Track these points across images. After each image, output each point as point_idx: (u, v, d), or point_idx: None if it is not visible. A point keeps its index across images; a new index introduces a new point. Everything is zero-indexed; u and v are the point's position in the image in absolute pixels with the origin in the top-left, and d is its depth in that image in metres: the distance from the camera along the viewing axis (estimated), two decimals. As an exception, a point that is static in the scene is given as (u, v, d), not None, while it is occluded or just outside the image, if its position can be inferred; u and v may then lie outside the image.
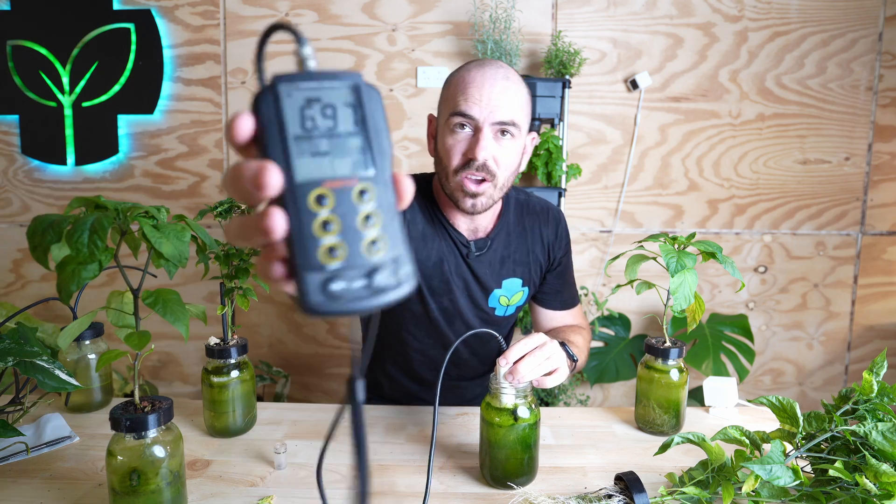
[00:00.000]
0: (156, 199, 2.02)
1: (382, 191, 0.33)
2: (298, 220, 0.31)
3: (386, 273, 0.32)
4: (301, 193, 0.32)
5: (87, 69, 1.95)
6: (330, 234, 0.32)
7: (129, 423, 0.64)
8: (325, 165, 0.32)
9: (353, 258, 0.32)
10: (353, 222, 0.32)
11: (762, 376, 2.15)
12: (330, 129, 0.33)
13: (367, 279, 0.32)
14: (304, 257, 0.31)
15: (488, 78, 0.92)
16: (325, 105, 0.33)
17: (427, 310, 1.08)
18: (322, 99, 0.33)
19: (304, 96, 0.32)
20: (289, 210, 0.31)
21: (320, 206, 0.32)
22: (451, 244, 1.06)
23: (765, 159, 2.03)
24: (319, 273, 0.31)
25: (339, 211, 0.32)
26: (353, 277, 0.32)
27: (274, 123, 0.32)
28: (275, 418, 0.98)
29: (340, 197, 0.32)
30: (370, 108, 0.34)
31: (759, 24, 1.96)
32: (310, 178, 0.32)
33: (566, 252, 1.17)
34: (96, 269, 0.59)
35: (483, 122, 0.93)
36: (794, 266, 2.09)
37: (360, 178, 0.33)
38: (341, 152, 0.33)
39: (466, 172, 0.95)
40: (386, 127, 0.34)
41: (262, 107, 0.32)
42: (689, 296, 0.86)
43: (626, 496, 0.70)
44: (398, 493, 0.76)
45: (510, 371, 0.76)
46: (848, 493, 0.67)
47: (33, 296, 2.07)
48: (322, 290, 0.31)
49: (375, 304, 0.32)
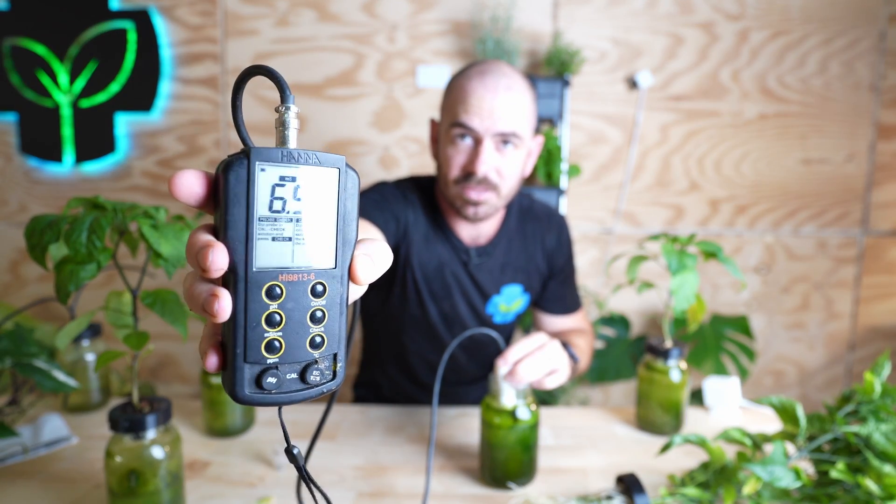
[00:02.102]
0: (154, 199, 2.02)
1: (337, 286, 0.32)
2: (246, 310, 0.30)
3: (320, 369, 0.32)
4: (254, 282, 0.30)
5: (86, 68, 1.94)
6: (274, 329, 0.31)
7: (127, 423, 0.63)
8: (284, 254, 0.31)
9: (291, 354, 0.31)
10: (301, 319, 0.31)
11: (763, 377, 2.15)
12: (297, 213, 0.31)
13: (300, 374, 0.32)
14: (244, 349, 0.30)
15: (489, 89, 0.90)
16: (299, 187, 0.31)
17: (426, 314, 1.07)
18: (297, 180, 0.31)
19: (279, 174, 0.30)
20: (237, 295, 0.30)
21: (272, 299, 0.30)
22: (452, 250, 1.05)
23: (766, 159, 2.03)
24: (255, 366, 0.31)
25: (289, 306, 0.31)
26: (286, 372, 0.31)
27: (241, 200, 0.29)
28: (274, 419, 0.97)
29: (294, 291, 0.31)
30: (344, 196, 0.32)
31: (761, 23, 1.96)
32: (267, 266, 0.30)
33: (568, 259, 1.15)
34: (94, 269, 0.59)
35: (484, 134, 0.91)
36: (796, 266, 2.09)
37: (317, 274, 0.31)
38: (304, 240, 0.31)
39: (466, 185, 0.94)
40: (356, 216, 0.33)
41: (231, 177, 0.29)
42: (690, 296, 0.85)
43: (626, 497, 0.69)
44: (398, 493, 0.76)
45: (510, 372, 0.75)
46: (850, 495, 0.67)
47: (31, 296, 2.06)
48: (254, 382, 0.31)
49: (302, 397, 0.32)
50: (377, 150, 1.99)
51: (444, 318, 1.09)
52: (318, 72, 1.95)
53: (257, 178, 0.30)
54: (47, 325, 1.10)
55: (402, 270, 1.04)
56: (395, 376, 1.17)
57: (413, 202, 1.04)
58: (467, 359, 1.14)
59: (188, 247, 0.29)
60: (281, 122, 0.31)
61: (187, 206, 0.31)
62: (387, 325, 1.12)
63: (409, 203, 1.04)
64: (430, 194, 1.07)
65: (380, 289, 1.08)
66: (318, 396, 0.33)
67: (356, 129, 1.98)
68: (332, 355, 0.33)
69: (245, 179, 0.29)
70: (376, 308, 1.11)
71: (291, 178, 0.30)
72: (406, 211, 1.03)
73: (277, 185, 0.30)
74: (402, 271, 1.04)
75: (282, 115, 0.31)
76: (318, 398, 0.34)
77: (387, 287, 1.07)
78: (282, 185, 0.30)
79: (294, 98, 0.31)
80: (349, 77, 1.96)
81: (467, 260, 1.05)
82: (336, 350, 0.33)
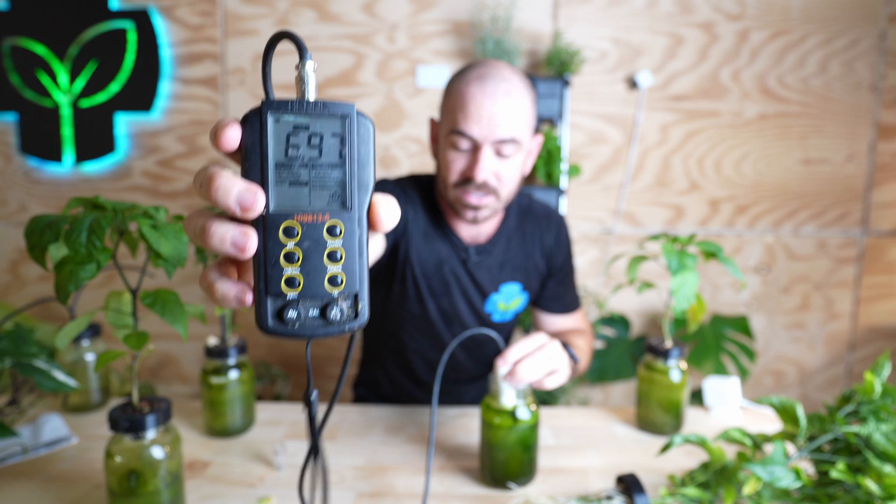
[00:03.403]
0: (154, 199, 2.02)
1: (353, 227, 0.34)
2: (265, 248, 0.33)
3: (341, 308, 0.34)
4: (272, 223, 0.33)
5: (86, 68, 1.94)
6: (292, 266, 0.33)
7: (127, 423, 0.63)
8: (301, 197, 0.33)
9: (310, 290, 0.33)
10: (318, 257, 0.33)
11: (764, 377, 2.15)
12: (313, 159, 0.33)
13: (320, 311, 0.34)
14: (265, 283, 0.33)
15: (488, 95, 0.90)
16: (313, 134, 0.33)
17: (425, 311, 1.08)
18: (310, 128, 0.33)
19: (293, 123, 0.33)
20: (258, 234, 0.32)
21: (288, 237, 0.33)
22: (451, 248, 1.05)
23: (766, 159, 2.03)
24: (277, 299, 0.33)
25: (305, 245, 0.33)
26: (307, 308, 0.34)
27: (257, 148, 0.32)
28: (274, 419, 0.97)
29: (309, 231, 0.33)
30: (358, 141, 0.34)
31: (761, 23, 1.96)
32: (283, 209, 0.33)
33: (567, 259, 1.16)
34: (94, 269, 0.59)
35: (483, 142, 0.91)
36: (796, 266, 2.09)
37: (332, 214, 0.33)
38: (320, 184, 0.33)
39: (465, 189, 0.94)
40: (372, 159, 0.34)
41: (249, 128, 0.32)
42: (691, 296, 0.85)
43: (626, 497, 0.69)
44: (397, 493, 0.76)
45: (510, 372, 0.75)
46: (850, 495, 0.67)
47: (31, 296, 2.06)
48: (277, 315, 0.33)
49: (325, 333, 0.34)
50: (377, 151, 1.99)
51: (444, 316, 1.09)
52: (319, 72, 1.95)
53: (271, 128, 0.32)
54: (47, 325, 1.10)
55: (402, 267, 1.05)
56: (395, 374, 1.17)
57: (413, 199, 1.05)
58: (466, 357, 1.14)
59: (217, 188, 0.31)
60: (300, 79, 0.33)
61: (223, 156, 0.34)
62: (387, 322, 1.12)
63: (408, 200, 1.04)
64: (429, 192, 1.07)
65: (380, 285, 1.09)
66: (340, 335, 0.35)
67: (356, 129, 1.98)
68: (352, 295, 0.34)
69: (259, 129, 0.32)
70: (377, 305, 1.11)
71: (305, 127, 0.33)
72: (406, 207, 1.03)
73: (292, 134, 0.33)
74: (402, 268, 1.05)
75: (300, 71, 0.33)
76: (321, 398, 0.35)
77: (387, 284, 1.08)
78: (296, 134, 0.33)
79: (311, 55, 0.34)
80: (349, 77, 1.96)
81: (466, 258, 1.05)
82: (357, 290, 0.34)
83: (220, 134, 0.32)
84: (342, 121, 0.33)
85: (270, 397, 2.03)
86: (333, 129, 0.33)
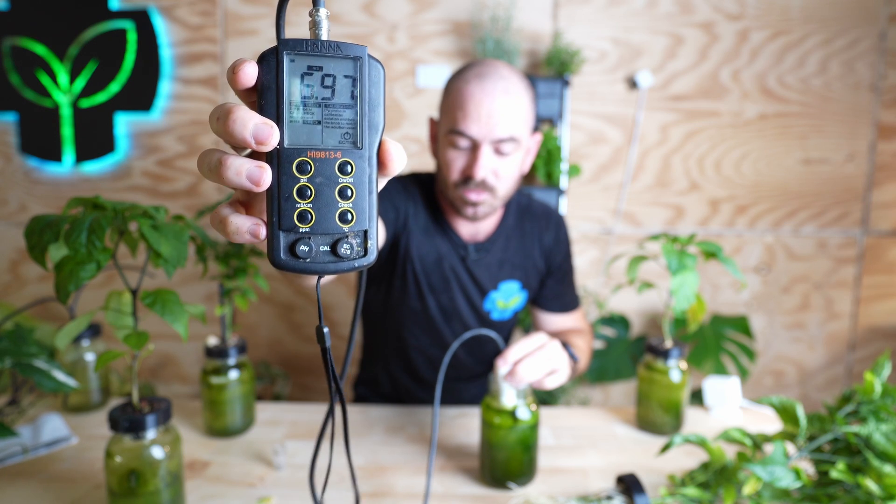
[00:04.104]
0: (154, 199, 2.01)
1: (364, 166, 0.35)
2: (278, 183, 0.34)
3: (350, 244, 0.35)
4: (286, 158, 0.34)
5: (86, 68, 1.94)
6: (305, 201, 0.34)
7: (127, 423, 0.63)
8: (314, 134, 0.34)
9: (321, 226, 0.34)
10: (329, 193, 0.34)
11: (764, 377, 2.15)
12: (326, 98, 0.34)
13: (331, 247, 0.35)
14: (278, 217, 0.34)
15: (487, 94, 0.90)
16: (326, 75, 0.34)
17: (425, 307, 1.08)
18: (324, 69, 0.34)
19: (307, 63, 0.34)
20: (271, 168, 0.33)
21: (301, 173, 0.34)
22: (451, 245, 1.06)
23: (766, 159, 2.03)
24: (289, 234, 0.34)
25: (317, 181, 0.34)
26: (318, 243, 0.34)
27: (273, 86, 0.33)
28: (274, 419, 0.97)
29: (321, 167, 0.34)
30: (369, 82, 0.35)
31: (761, 23, 1.96)
32: (297, 144, 0.34)
33: (566, 257, 1.16)
34: (94, 269, 0.59)
35: (482, 141, 0.92)
36: (796, 266, 2.09)
37: (344, 152, 0.34)
38: (332, 123, 0.34)
39: (465, 188, 0.95)
40: (382, 102, 0.35)
41: (265, 67, 0.33)
42: (691, 296, 0.85)
43: (626, 497, 0.69)
44: (397, 493, 0.76)
45: (510, 372, 0.75)
46: (850, 495, 0.67)
47: (31, 296, 2.06)
48: (288, 249, 0.34)
49: (335, 269, 0.35)
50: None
51: (443, 313, 1.09)
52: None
53: (286, 67, 0.33)
54: (47, 325, 1.10)
55: (403, 262, 1.05)
56: (395, 372, 1.17)
57: (413, 195, 1.06)
58: (466, 355, 1.14)
59: (234, 120, 0.32)
60: (314, 24, 0.34)
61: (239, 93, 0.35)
62: (387, 319, 1.12)
63: (409, 196, 1.05)
64: (430, 189, 1.08)
65: (381, 281, 1.09)
66: (349, 271, 0.35)
67: (356, 129, 1.98)
68: (362, 232, 0.35)
69: (275, 68, 0.33)
70: (378, 302, 1.12)
71: (318, 68, 0.34)
72: (406, 203, 1.04)
73: (306, 74, 0.34)
74: (403, 263, 1.05)
75: (314, 17, 0.34)
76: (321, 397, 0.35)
77: (388, 279, 1.08)
78: (310, 74, 0.34)
79: (324, 2, 0.35)
80: (349, 77, 1.96)
81: (465, 255, 1.06)
82: (366, 227, 0.35)
83: (237, 71, 0.32)
84: (354, 62, 0.34)
85: (270, 397, 2.03)
86: (346, 71, 0.34)
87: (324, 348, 0.39)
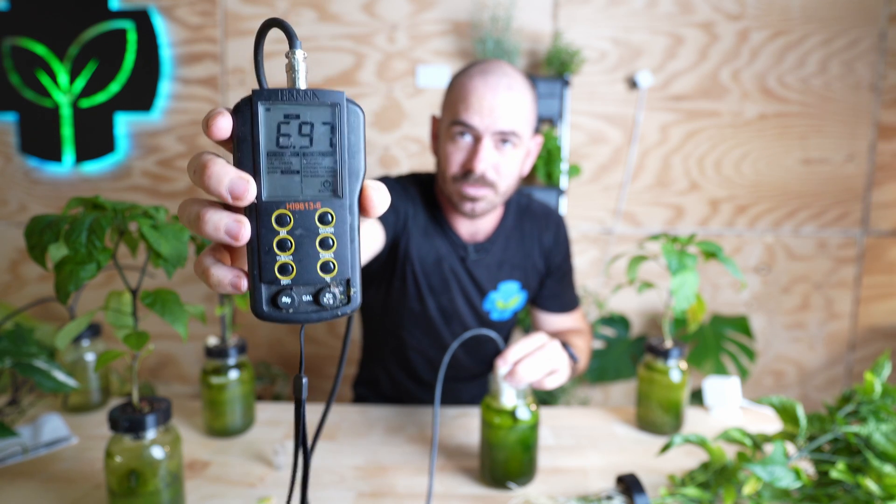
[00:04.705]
0: (154, 199, 2.01)
1: (344, 215, 0.34)
2: (258, 236, 0.33)
3: (333, 293, 0.35)
4: (264, 211, 0.33)
5: (86, 68, 1.94)
6: (285, 253, 0.34)
7: (127, 423, 0.63)
8: (292, 185, 0.33)
9: (303, 277, 0.34)
10: (310, 244, 0.34)
11: (763, 377, 2.15)
12: (304, 147, 0.33)
13: (313, 296, 0.34)
14: (259, 270, 0.33)
15: (490, 87, 0.91)
16: (303, 123, 0.33)
17: (425, 308, 1.08)
18: (301, 116, 0.33)
19: (283, 112, 0.33)
20: (251, 222, 0.33)
21: (281, 225, 0.33)
22: (450, 245, 1.06)
23: (766, 159, 2.03)
24: (271, 286, 0.34)
25: (297, 233, 0.34)
26: (301, 293, 0.34)
27: (248, 138, 0.33)
28: (274, 419, 0.97)
29: (301, 219, 0.34)
30: (348, 128, 0.34)
31: (761, 23, 1.96)
32: (275, 196, 0.33)
33: (565, 257, 1.16)
34: (94, 269, 0.59)
35: (483, 133, 0.92)
36: (796, 266, 2.09)
37: (324, 202, 0.34)
38: (311, 172, 0.34)
39: (465, 182, 0.95)
40: (363, 148, 0.35)
41: (239, 118, 0.33)
42: (691, 296, 0.85)
43: (626, 497, 0.69)
44: (398, 493, 0.76)
45: (510, 372, 0.75)
46: (850, 495, 0.67)
47: (31, 296, 2.06)
48: (271, 301, 0.34)
49: (318, 318, 0.35)
50: (377, 150, 1.99)
51: (443, 314, 1.09)
52: (318, 72, 1.95)
53: (262, 117, 0.33)
54: (47, 325, 1.10)
55: (402, 263, 1.05)
56: (395, 373, 1.17)
57: (413, 196, 1.06)
58: (465, 356, 1.14)
59: (209, 175, 0.32)
60: (291, 67, 0.34)
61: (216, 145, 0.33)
62: (386, 320, 1.12)
63: (408, 196, 1.05)
64: (429, 190, 1.08)
65: (380, 282, 1.09)
66: (333, 319, 0.35)
67: (356, 129, 1.98)
68: (344, 281, 0.35)
69: (249, 119, 0.32)
70: (377, 303, 1.12)
71: (296, 116, 0.33)
72: (406, 204, 1.04)
73: (283, 123, 0.33)
74: (402, 264, 1.05)
75: (291, 59, 0.34)
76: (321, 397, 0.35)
77: (387, 280, 1.08)
78: (286, 123, 0.33)
79: (301, 44, 0.34)
80: (349, 77, 1.96)
81: (465, 255, 1.06)
82: (349, 276, 0.35)
83: (211, 123, 0.32)
84: (332, 109, 0.33)
85: (270, 397, 2.03)
86: (324, 118, 0.33)
87: (298, 399, 0.38)
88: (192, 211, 0.33)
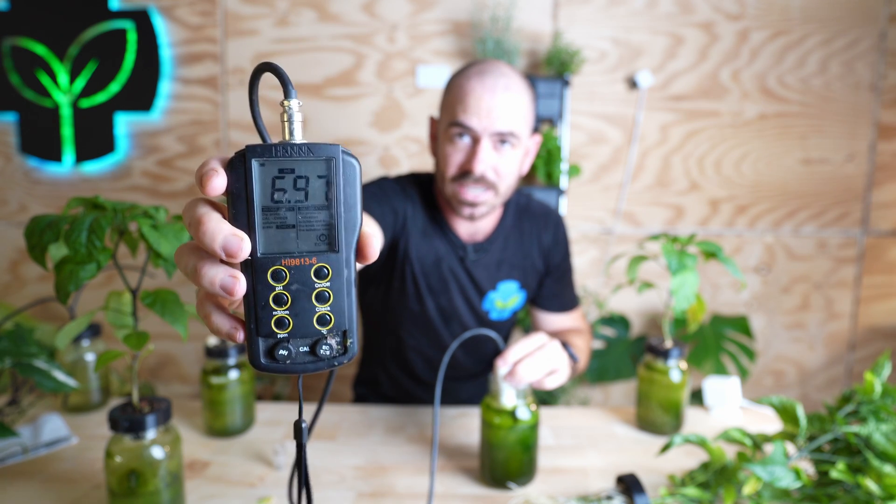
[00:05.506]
0: (154, 199, 2.01)
1: (341, 269, 0.34)
2: (254, 291, 0.33)
3: (329, 345, 0.35)
4: (260, 267, 0.33)
5: (86, 68, 1.94)
6: (281, 308, 0.34)
7: (127, 423, 0.63)
8: (288, 240, 0.33)
9: (300, 330, 0.34)
10: (306, 299, 0.34)
11: (763, 377, 2.15)
12: (299, 202, 0.33)
13: (310, 348, 0.35)
14: (256, 324, 0.34)
15: (488, 88, 0.91)
16: (298, 177, 0.33)
17: (424, 308, 1.08)
18: (296, 171, 0.33)
19: (278, 167, 0.33)
20: (246, 277, 0.33)
21: (277, 281, 0.33)
22: (449, 245, 1.06)
23: (766, 159, 2.03)
24: (268, 339, 0.34)
25: (293, 288, 0.34)
26: (298, 345, 0.34)
27: (242, 194, 0.32)
28: (274, 419, 0.97)
29: (297, 274, 0.34)
30: (343, 182, 0.34)
31: (761, 23, 1.96)
32: (271, 252, 0.33)
33: (565, 257, 1.16)
34: (94, 269, 0.59)
35: (482, 133, 0.92)
36: (796, 266, 2.09)
37: (320, 257, 0.34)
38: (307, 226, 0.34)
39: (463, 183, 0.95)
40: (359, 201, 0.34)
41: (234, 173, 0.32)
42: (691, 296, 0.85)
43: (626, 497, 0.69)
44: (398, 493, 0.76)
45: (510, 372, 0.75)
46: (850, 495, 0.67)
47: (31, 296, 2.06)
48: (268, 353, 0.34)
49: (315, 368, 0.35)
50: (377, 150, 1.99)
51: (442, 314, 1.09)
52: (318, 72, 1.95)
53: (257, 173, 0.32)
54: (47, 325, 1.10)
55: (402, 264, 1.05)
56: (394, 372, 1.17)
57: (412, 197, 1.05)
58: (465, 355, 1.14)
59: (203, 232, 0.31)
60: (287, 118, 0.33)
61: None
62: (386, 320, 1.12)
63: (407, 197, 1.05)
64: (429, 190, 1.08)
65: (380, 283, 1.09)
66: (330, 369, 0.35)
67: (356, 129, 1.98)
68: (341, 332, 0.35)
69: (243, 175, 0.32)
70: (377, 303, 1.12)
71: (290, 171, 0.33)
72: (405, 205, 1.04)
73: (277, 178, 0.33)
74: (402, 265, 1.05)
75: (286, 109, 0.33)
76: (314, 396, 0.35)
77: (387, 281, 1.08)
78: (281, 178, 0.33)
79: (297, 93, 0.33)
80: (349, 77, 1.96)
81: (464, 255, 1.06)
82: (345, 327, 0.35)
83: (205, 182, 0.32)
84: (327, 163, 0.33)
85: (270, 397, 2.03)
86: (319, 172, 0.33)
87: (300, 444, 0.38)
88: (189, 262, 0.33)
